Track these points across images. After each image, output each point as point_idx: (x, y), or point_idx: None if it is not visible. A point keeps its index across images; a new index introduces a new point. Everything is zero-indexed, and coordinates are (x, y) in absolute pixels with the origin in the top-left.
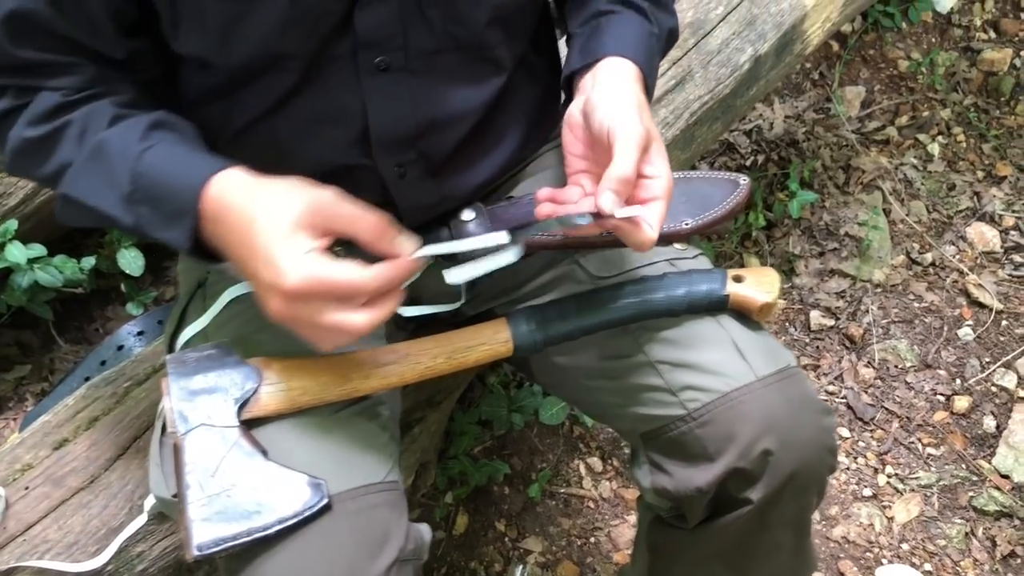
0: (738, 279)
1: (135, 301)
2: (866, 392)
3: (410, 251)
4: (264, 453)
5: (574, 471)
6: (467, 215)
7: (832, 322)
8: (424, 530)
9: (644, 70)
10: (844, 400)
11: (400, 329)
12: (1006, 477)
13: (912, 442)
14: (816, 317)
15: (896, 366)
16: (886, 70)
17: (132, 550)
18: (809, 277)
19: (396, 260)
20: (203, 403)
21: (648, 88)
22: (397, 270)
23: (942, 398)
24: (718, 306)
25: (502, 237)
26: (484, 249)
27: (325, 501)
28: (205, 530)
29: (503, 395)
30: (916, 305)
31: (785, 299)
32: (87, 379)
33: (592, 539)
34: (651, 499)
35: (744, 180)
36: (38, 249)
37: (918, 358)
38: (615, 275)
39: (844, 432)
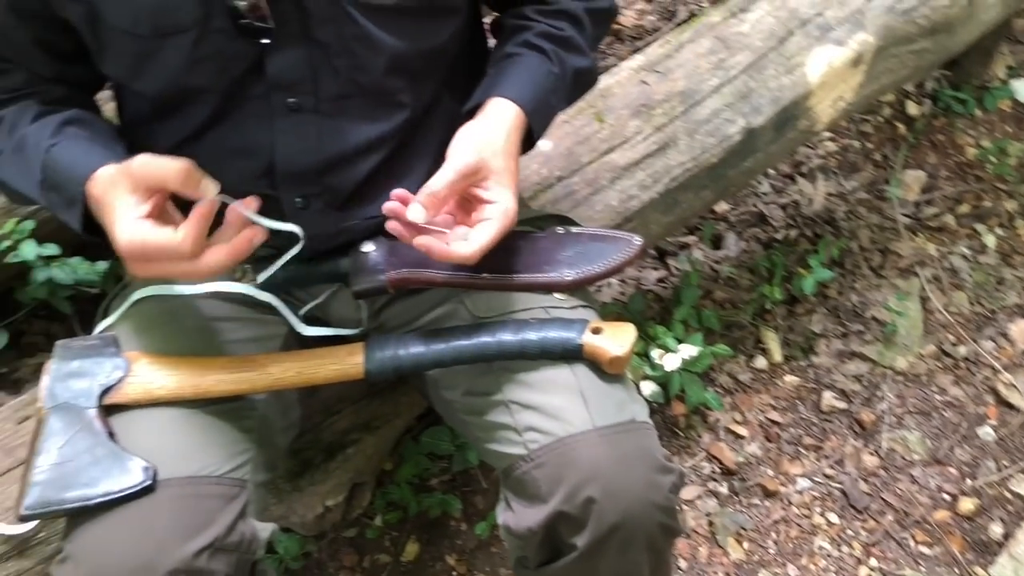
0: (596, 331)
1: None
2: (865, 480)
3: (213, 192)
4: (112, 435)
5: None
6: (367, 247)
7: (844, 405)
8: (261, 528)
9: (527, 108)
10: (840, 485)
11: (301, 345)
12: None
13: (904, 538)
14: (828, 398)
15: (904, 458)
16: (954, 156)
17: (60, 524)
18: (828, 357)
19: (194, 212)
20: (72, 385)
21: (534, 124)
22: (198, 221)
23: (947, 497)
24: (573, 355)
25: (295, 228)
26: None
27: (148, 483)
28: (38, 493)
29: (450, 429)
30: (938, 398)
31: (800, 377)
32: None
33: None
34: (503, 537)
35: (637, 240)
36: (52, 248)
37: (929, 452)
38: (492, 316)
39: (833, 518)
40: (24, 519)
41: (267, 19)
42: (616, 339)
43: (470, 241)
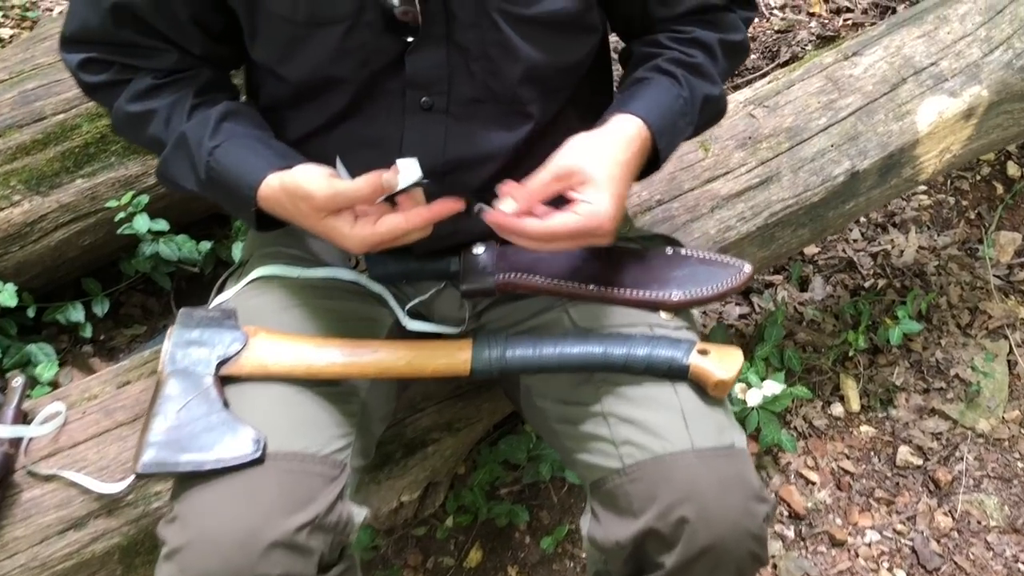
0: (703, 352)
1: None
2: (937, 540)
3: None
4: (226, 404)
5: None
6: (478, 249)
7: (920, 462)
8: (356, 512)
9: (653, 126)
10: (910, 542)
11: (403, 339)
12: None
13: None
14: (904, 453)
15: (979, 522)
16: None
17: (151, 488)
18: (907, 412)
19: (413, 210)
20: (192, 352)
21: (660, 143)
22: (421, 209)
23: (1023, 567)
24: (678, 374)
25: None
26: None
27: (259, 455)
28: (153, 453)
29: (527, 439)
30: (1019, 465)
31: (876, 428)
32: None
33: None
34: (586, 548)
35: (747, 268)
36: (161, 224)
37: (1006, 520)
38: (596, 328)
39: (900, 575)
40: (140, 476)
41: (416, 18)
42: (723, 363)
43: (542, 222)
